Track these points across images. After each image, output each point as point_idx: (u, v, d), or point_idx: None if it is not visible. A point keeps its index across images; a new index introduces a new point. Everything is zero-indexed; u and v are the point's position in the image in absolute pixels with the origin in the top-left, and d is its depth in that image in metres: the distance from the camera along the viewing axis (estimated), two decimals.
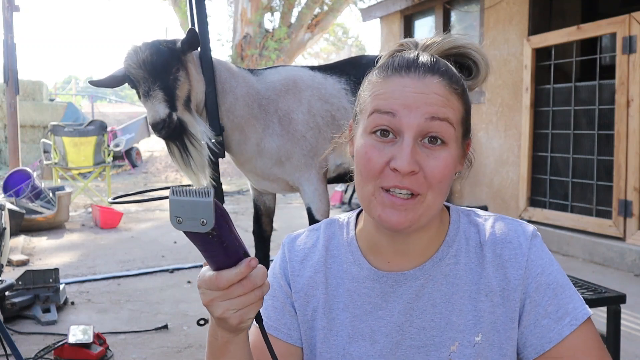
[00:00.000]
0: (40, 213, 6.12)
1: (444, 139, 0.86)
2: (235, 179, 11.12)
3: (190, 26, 2.67)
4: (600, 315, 3.25)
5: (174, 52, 2.45)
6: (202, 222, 0.68)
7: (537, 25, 5.43)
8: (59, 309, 3.54)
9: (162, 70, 2.41)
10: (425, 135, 0.85)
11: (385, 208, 0.86)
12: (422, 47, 0.95)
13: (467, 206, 1.18)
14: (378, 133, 0.87)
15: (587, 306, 0.91)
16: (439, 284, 0.93)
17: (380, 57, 0.98)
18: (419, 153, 0.85)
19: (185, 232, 0.70)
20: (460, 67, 0.97)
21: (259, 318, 0.82)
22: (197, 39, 2.45)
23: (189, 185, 2.75)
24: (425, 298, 0.93)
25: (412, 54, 0.91)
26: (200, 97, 2.57)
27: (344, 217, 1.05)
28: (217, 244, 0.72)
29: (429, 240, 0.94)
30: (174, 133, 2.46)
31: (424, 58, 0.90)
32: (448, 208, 1.00)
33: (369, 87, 0.91)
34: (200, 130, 2.50)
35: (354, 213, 1.04)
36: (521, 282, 0.91)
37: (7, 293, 3.27)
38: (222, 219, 0.70)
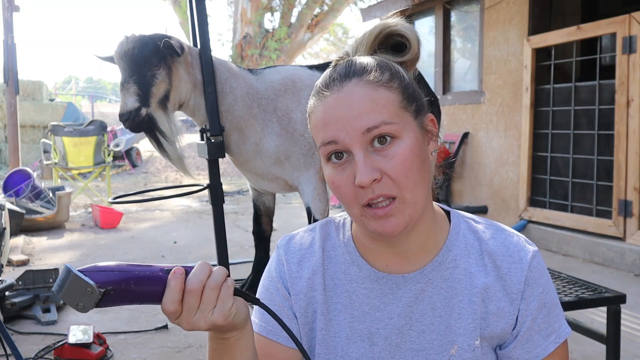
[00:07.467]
0: (40, 213, 6.11)
1: (391, 135, 0.84)
2: (235, 179, 11.12)
3: (190, 26, 2.68)
4: (600, 315, 3.26)
5: (160, 50, 2.46)
6: (88, 291, 0.70)
7: (537, 25, 5.43)
8: (59, 309, 3.54)
9: (141, 65, 2.45)
10: (372, 141, 0.84)
11: (376, 221, 0.86)
12: (354, 51, 0.92)
13: (467, 206, 1.18)
14: (333, 159, 0.87)
15: (568, 325, 0.95)
16: (439, 287, 0.93)
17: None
18: (375, 160, 0.84)
19: (101, 307, 0.72)
20: (397, 49, 0.94)
21: (248, 296, 0.82)
22: (172, 49, 2.45)
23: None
24: (425, 302, 0.93)
25: (328, 70, 0.91)
26: (185, 98, 2.59)
27: (339, 217, 1.04)
28: (128, 291, 0.73)
29: (427, 241, 0.94)
30: (139, 127, 2.50)
31: (339, 68, 0.89)
32: (449, 213, 0.99)
33: (310, 120, 0.92)
34: (169, 128, 2.55)
35: None
36: (520, 296, 0.92)
37: (7, 293, 3.27)
38: (104, 272, 0.72)
